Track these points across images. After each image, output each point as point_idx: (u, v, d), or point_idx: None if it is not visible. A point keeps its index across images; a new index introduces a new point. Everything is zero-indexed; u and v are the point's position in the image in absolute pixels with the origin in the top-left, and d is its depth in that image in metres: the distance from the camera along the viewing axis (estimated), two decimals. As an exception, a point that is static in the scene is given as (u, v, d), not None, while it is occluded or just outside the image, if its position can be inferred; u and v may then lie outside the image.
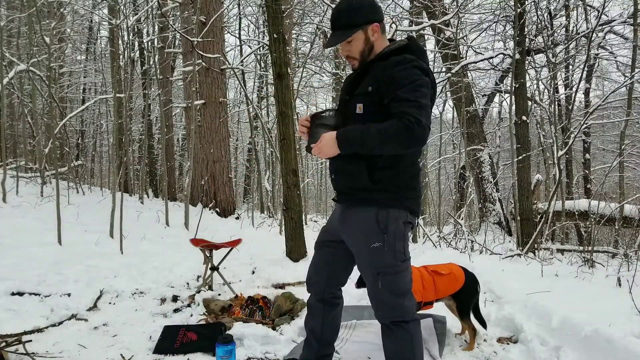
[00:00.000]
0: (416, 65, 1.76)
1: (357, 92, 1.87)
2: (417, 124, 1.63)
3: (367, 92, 1.81)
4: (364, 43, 1.87)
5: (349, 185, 1.91)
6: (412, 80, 1.71)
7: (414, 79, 1.72)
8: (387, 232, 1.82)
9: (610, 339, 2.36)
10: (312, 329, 2.19)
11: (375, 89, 1.79)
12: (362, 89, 1.85)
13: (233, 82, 14.82)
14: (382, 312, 1.91)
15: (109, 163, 13.88)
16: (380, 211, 1.83)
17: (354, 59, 1.92)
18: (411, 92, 1.69)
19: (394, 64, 1.77)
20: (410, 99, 1.68)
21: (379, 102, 1.78)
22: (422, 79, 1.74)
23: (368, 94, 1.81)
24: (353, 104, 1.86)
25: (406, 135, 1.64)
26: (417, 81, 1.72)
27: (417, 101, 1.68)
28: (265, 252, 5.57)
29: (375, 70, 1.83)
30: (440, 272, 2.80)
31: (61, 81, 13.33)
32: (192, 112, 8.19)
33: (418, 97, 1.69)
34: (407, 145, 1.68)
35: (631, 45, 7.42)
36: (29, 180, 8.37)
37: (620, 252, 5.29)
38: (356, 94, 1.87)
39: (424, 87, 1.73)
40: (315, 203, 20.21)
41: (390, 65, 1.78)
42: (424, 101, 1.69)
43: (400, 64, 1.76)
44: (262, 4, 10.68)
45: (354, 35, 1.86)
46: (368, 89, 1.81)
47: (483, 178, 9.57)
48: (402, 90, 1.70)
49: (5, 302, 3.21)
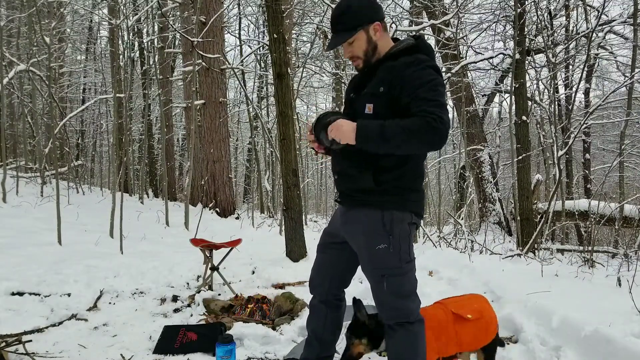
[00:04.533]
0: (430, 65, 1.76)
1: (366, 92, 1.83)
2: (440, 122, 1.62)
3: (378, 92, 1.78)
4: (366, 43, 1.84)
5: (352, 187, 1.88)
6: (429, 80, 1.71)
7: (430, 78, 1.71)
8: (392, 234, 1.81)
9: (610, 339, 2.36)
10: (314, 330, 2.18)
11: (387, 90, 1.76)
12: (372, 89, 1.81)
13: (233, 82, 14.82)
14: (387, 313, 1.90)
15: (109, 163, 13.86)
16: (386, 213, 1.82)
17: (358, 59, 1.88)
18: (430, 92, 1.69)
19: (407, 65, 1.75)
20: (430, 97, 1.67)
21: (389, 104, 1.76)
22: (438, 78, 1.74)
23: (378, 95, 1.78)
24: (361, 104, 1.82)
25: (430, 133, 1.63)
26: (434, 80, 1.72)
27: (437, 100, 1.68)
28: (265, 252, 5.57)
29: (385, 70, 1.80)
30: (466, 315, 2.04)
31: (61, 81, 13.33)
32: (192, 112, 8.19)
33: (437, 96, 1.69)
34: (430, 143, 1.66)
35: (631, 45, 7.43)
36: (29, 180, 8.38)
37: (620, 252, 5.29)
38: (364, 94, 1.84)
39: (440, 86, 1.73)
40: (315, 203, 20.21)
41: (402, 66, 1.76)
42: (443, 100, 1.70)
43: (413, 64, 1.74)
44: (262, 4, 10.67)
45: (355, 36, 1.83)
46: (379, 89, 1.78)
47: (483, 178, 9.56)
48: (421, 90, 1.69)
49: (5, 302, 3.21)
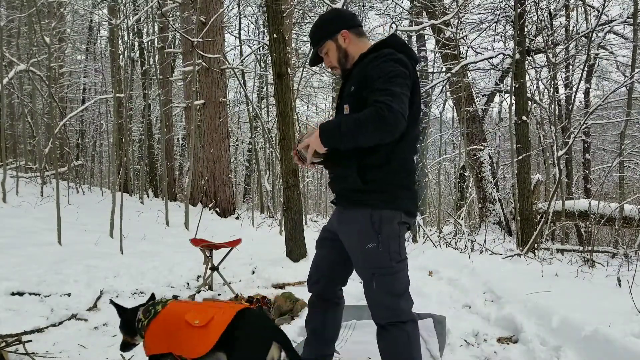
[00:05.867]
0: (392, 58, 1.79)
1: (345, 94, 1.95)
2: (388, 110, 1.64)
3: (350, 92, 1.88)
4: (337, 51, 1.98)
5: (343, 186, 1.94)
6: (387, 72, 1.75)
7: (388, 70, 1.75)
8: (381, 233, 1.83)
9: (610, 339, 2.36)
10: (313, 329, 2.19)
11: (357, 88, 1.85)
12: (347, 90, 1.92)
13: (233, 82, 14.84)
14: (378, 312, 1.90)
15: (109, 163, 13.86)
16: (374, 212, 1.84)
17: (335, 68, 2.03)
18: (385, 83, 1.72)
19: (371, 60, 1.83)
20: (383, 88, 1.71)
21: (362, 101, 1.80)
22: (397, 69, 1.76)
23: (352, 94, 1.87)
24: (342, 106, 1.93)
25: (378, 121, 1.65)
26: (392, 72, 1.75)
27: (389, 89, 1.70)
28: (265, 252, 5.57)
29: (356, 69, 1.92)
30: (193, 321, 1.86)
31: (61, 81, 13.33)
32: (192, 112, 8.19)
33: (390, 85, 1.72)
34: (380, 131, 1.68)
35: (631, 45, 7.42)
36: (29, 180, 8.38)
37: (620, 252, 5.29)
38: (344, 96, 1.95)
39: (399, 77, 1.75)
40: (315, 203, 20.23)
41: (367, 62, 1.84)
42: (396, 89, 1.71)
43: (376, 59, 1.81)
44: (262, 4, 10.67)
45: (325, 46, 1.99)
46: (351, 89, 1.88)
47: (483, 178, 9.56)
48: (377, 82, 1.74)
49: (5, 302, 3.21)
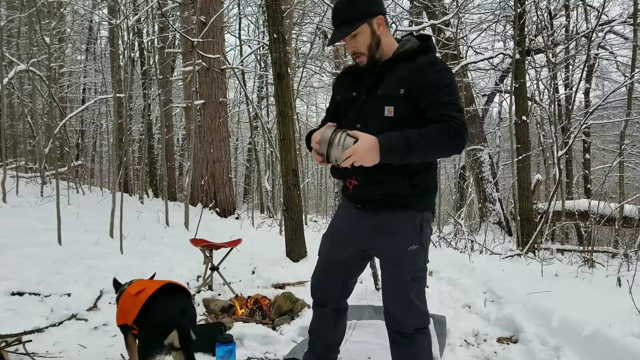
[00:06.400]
0: (448, 68, 1.73)
1: (383, 94, 1.74)
2: (463, 127, 1.60)
3: (398, 94, 1.70)
4: (370, 37, 1.74)
5: (386, 192, 1.78)
6: (449, 83, 1.68)
7: (450, 81, 1.68)
8: (422, 234, 1.81)
9: (610, 339, 2.36)
10: (319, 337, 2.13)
11: (407, 92, 1.69)
12: (390, 90, 1.72)
13: (233, 82, 14.82)
14: (408, 321, 1.81)
15: (109, 163, 13.87)
16: (421, 214, 1.81)
17: (361, 55, 1.78)
18: (451, 95, 1.66)
19: (427, 66, 1.70)
20: (452, 102, 1.65)
21: (411, 106, 1.70)
22: (455, 81, 1.73)
23: (399, 97, 1.70)
24: (378, 106, 1.73)
25: (455, 139, 1.60)
26: (453, 84, 1.70)
27: (457, 104, 1.65)
28: (265, 252, 5.56)
29: (403, 71, 1.73)
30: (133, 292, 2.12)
31: (61, 81, 13.33)
32: (192, 112, 8.19)
33: (457, 100, 1.67)
34: (456, 148, 1.64)
35: (631, 45, 7.42)
36: (29, 180, 8.38)
37: (620, 252, 5.28)
38: (381, 96, 1.74)
39: (457, 89, 1.73)
40: (315, 203, 20.22)
41: (424, 66, 1.71)
42: (461, 104, 1.69)
43: (433, 65, 1.71)
44: (262, 4, 10.67)
45: (359, 29, 1.72)
46: (399, 91, 1.70)
47: (483, 178, 9.55)
48: (442, 92, 1.65)
49: (5, 302, 3.21)
